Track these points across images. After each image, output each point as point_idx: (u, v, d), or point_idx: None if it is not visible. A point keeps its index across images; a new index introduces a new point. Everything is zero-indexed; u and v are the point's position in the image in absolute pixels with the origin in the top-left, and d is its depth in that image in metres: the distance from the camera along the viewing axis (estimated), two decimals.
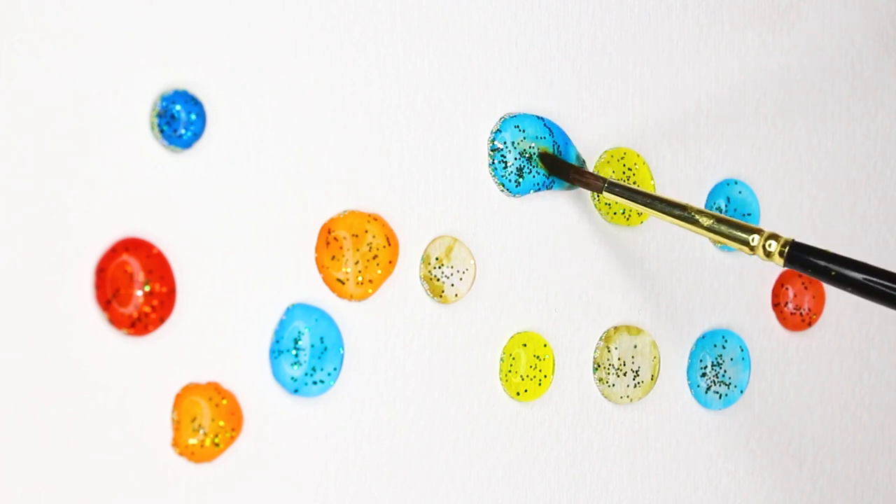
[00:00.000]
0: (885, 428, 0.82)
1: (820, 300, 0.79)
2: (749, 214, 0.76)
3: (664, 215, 0.63)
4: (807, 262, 0.57)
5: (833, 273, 0.56)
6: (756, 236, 0.59)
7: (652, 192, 0.64)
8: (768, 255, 0.58)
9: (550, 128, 0.70)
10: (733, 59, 0.76)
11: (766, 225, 0.77)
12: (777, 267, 0.77)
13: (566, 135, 0.70)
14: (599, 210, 0.72)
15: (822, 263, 0.56)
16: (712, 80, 0.75)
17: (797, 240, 0.58)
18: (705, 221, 0.61)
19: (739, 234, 0.60)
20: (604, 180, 0.66)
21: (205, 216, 0.61)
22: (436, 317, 0.68)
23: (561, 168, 0.69)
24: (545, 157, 0.69)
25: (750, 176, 0.77)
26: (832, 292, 0.80)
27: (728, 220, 0.61)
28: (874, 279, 0.55)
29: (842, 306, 0.80)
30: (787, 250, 0.58)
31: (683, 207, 0.63)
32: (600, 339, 0.72)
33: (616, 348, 0.73)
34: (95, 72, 0.58)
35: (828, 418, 0.80)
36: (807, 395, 0.79)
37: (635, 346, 0.73)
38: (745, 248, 0.59)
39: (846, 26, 0.80)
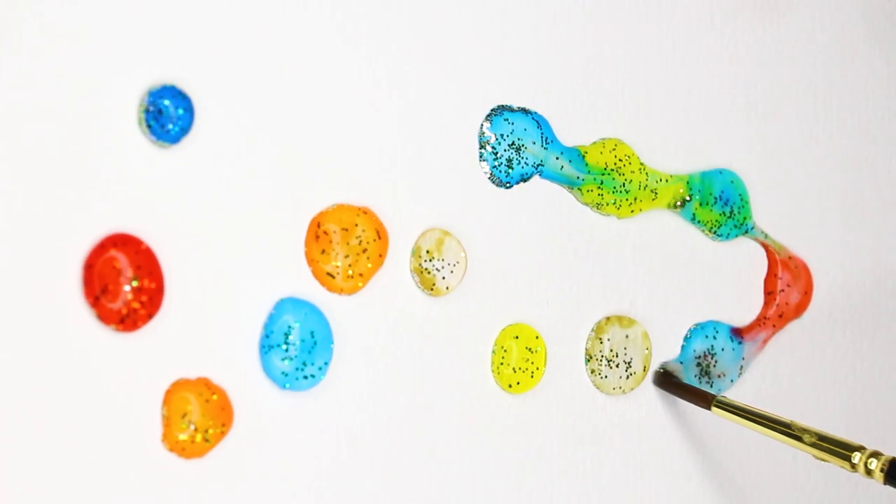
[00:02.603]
0: (878, 418, 0.82)
1: (810, 290, 0.79)
2: (741, 206, 0.76)
3: (771, 432, 0.66)
4: None
5: None
6: (858, 454, 0.61)
7: (759, 411, 0.67)
8: (869, 472, 0.60)
9: (538, 121, 0.70)
10: (724, 50, 0.76)
11: (758, 216, 0.77)
12: (764, 262, 0.77)
13: (552, 128, 0.70)
14: (588, 202, 0.72)
15: None
16: (703, 71, 0.75)
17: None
18: (808, 439, 0.63)
19: (841, 451, 0.62)
20: (712, 396, 0.69)
21: (193, 211, 0.61)
22: (427, 310, 0.68)
23: (673, 385, 0.73)
24: (660, 379, 0.73)
25: (741, 166, 0.76)
26: (822, 284, 0.80)
27: (830, 438, 0.63)
28: None
29: (833, 296, 0.80)
30: (887, 468, 0.60)
31: (787, 425, 0.65)
32: (592, 330, 0.72)
33: (608, 340, 0.73)
34: (83, 67, 0.58)
35: (820, 408, 0.80)
36: (799, 385, 0.79)
37: (627, 338, 0.73)
38: (847, 465, 0.61)
39: (837, 15, 0.79)
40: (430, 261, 0.67)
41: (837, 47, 0.79)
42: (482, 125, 0.68)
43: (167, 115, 0.60)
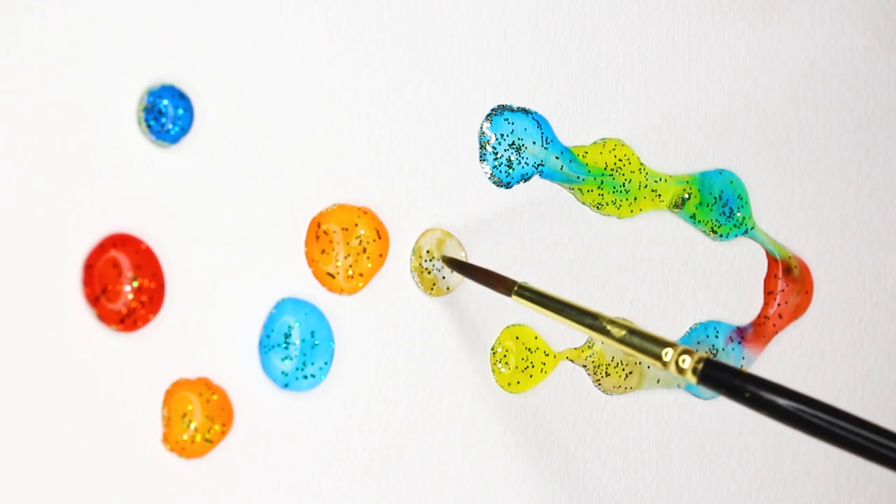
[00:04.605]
0: (878, 416, 0.82)
1: (810, 290, 0.79)
2: (741, 206, 0.76)
3: (575, 323, 0.59)
4: (720, 380, 0.52)
5: (748, 395, 0.51)
6: (669, 350, 0.54)
7: (562, 299, 0.60)
8: (681, 371, 0.54)
9: (538, 121, 0.70)
10: (723, 49, 0.76)
11: (758, 216, 0.77)
12: (764, 262, 0.77)
13: (552, 128, 0.70)
14: (588, 202, 0.72)
15: (737, 383, 0.51)
16: (702, 70, 0.75)
17: (712, 357, 0.54)
18: (617, 332, 0.56)
19: (652, 347, 0.55)
20: (513, 283, 0.63)
21: (193, 211, 0.61)
22: (427, 309, 0.68)
23: (468, 268, 0.67)
24: (450, 261, 0.67)
25: (741, 166, 0.76)
26: (822, 284, 0.80)
27: (641, 332, 0.56)
28: (795, 404, 0.50)
29: (834, 296, 0.80)
30: (700, 367, 0.53)
31: (595, 316, 0.58)
32: None
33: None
34: (82, 67, 0.58)
35: None
36: (799, 384, 0.79)
37: None
38: (658, 363, 0.55)
39: (836, 15, 0.79)
40: (431, 261, 0.67)
41: (837, 47, 0.79)
42: (482, 125, 0.68)
43: (167, 114, 0.60)
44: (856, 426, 0.48)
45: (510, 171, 0.69)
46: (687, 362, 0.53)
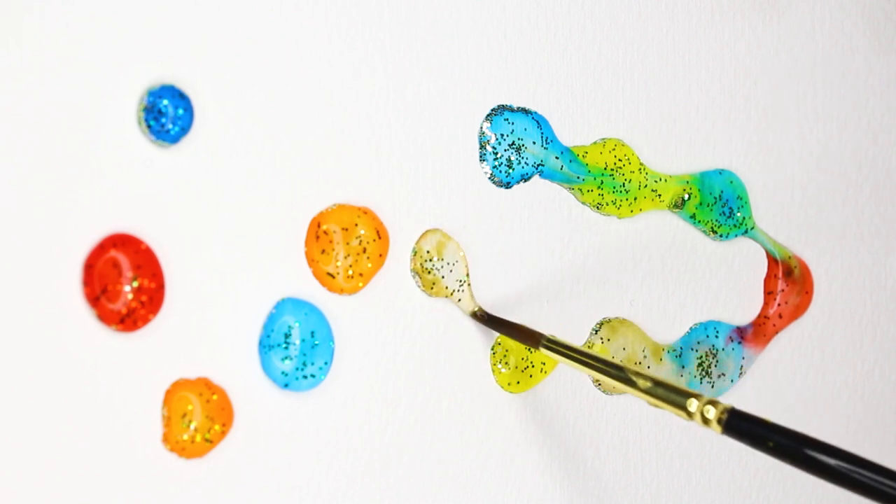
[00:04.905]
0: (879, 416, 0.82)
1: (810, 290, 0.79)
2: (741, 206, 0.76)
3: (602, 375, 0.60)
4: (745, 430, 0.53)
5: (771, 444, 0.52)
6: (694, 401, 0.55)
7: (589, 351, 0.62)
8: (706, 421, 0.54)
9: (538, 121, 0.70)
10: (724, 49, 0.76)
11: (758, 216, 0.77)
12: (764, 262, 0.77)
13: (552, 128, 0.70)
14: (588, 202, 0.72)
15: (761, 433, 0.52)
16: (702, 70, 0.75)
17: (736, 407, 0.54)
18: (643, 384, 0.57)
19: (677, 398, 0.56)
20: (540, 336, 0.64)
21: (193, 211, 0.61)
22: (427, 309, 0.68)
23: (497, 322, 0.68)
24: (479, 316, 0.68)
25: (740, 166, 0.76)
26: (822, 284, 0.80)
27: (666, 384, 0.57)
28: (817, 454, 0.50)
29: (834, 296, 0.80)
30: (725, 417, 0.54)
31: (620, 368, 0.59)
32: (592, 329, 0.72)
33: (608, 339, 0.73)
34: (82, 67, 0.58)
35: (820, 408, 0.80)
36: (799, 384, 0.79)
37: (627, 337, 0.73)
38: (683, 414, 0.55)
39: (836, 14, 0.79)
40: (431, 261, 0.67)
41: (837, 47, 0.79)
42: (482, 125, 0.68)
43: (167, 114, 0.60)
44: (875, 473, 0.49)
45: (510, 171, 0.69)
46: (712, 413, 0.54)
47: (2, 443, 0.56)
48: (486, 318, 0.68)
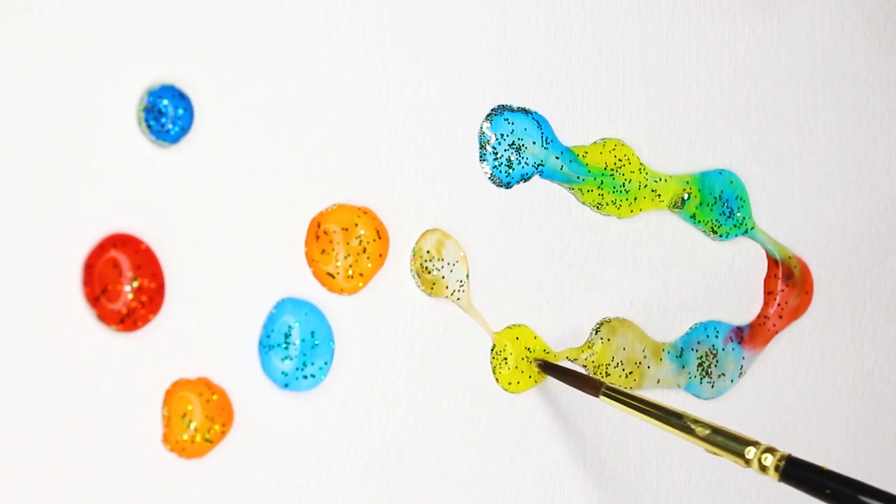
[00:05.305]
0: (878, 416, 0.82)
1: (810, 290, 0.79)
2: (741, 206, 0.76)
3: (661, 423, 0.61)
4: (802, 477, 0.54)
5: (828, 491, 0.53)
6: (752, 449, 0.57)
7: (648, 399, 0.63)
8: (763, 469, 0.56)
9: (538, 121, 0.70)
10: (724, 49, 0.76)
11: (758, 216, 0.77)
12: (764, 262, 0.77)
13: (552, 128, 0.70)
14: (588, 202, 0.72)
15: (818, 480, 0.54)
16: (702, 70, 0.75)
17: (793, 454, 0.56)
18: (701, 432, 0.59)
19: (735, 445, 0.58)
20: (601, 384, 0.65)
21: (193, 211, 0.61)
22: (427, 309, 0.68)
23: (558, 370, 0.69)
24: (543, 366, 0.69)
25: (740, 166, 0.76)
26: (822, 284, 0.80)
27: (724, 431, 0.58)
28: (873, 501, 0.52)
29: (834, 296, 0.80)
30: (783, 465, 0.55)
31: (679, 416, 0.61)
32: (592, 329, 0.72)
33: (608, 339, 0.73)
34: (82, 67, 0.58)
35: (820, 407, 0.80)
36: (799, 384, 0.79)
37: (627, 337, 0.73)
38: (741, 461, 0.57)
39: (836, 14, 0.79)
40: (431, 261, 0.67)
41: (837, 47, 0.79)
42: (482, 125, 0.68)
43: (167, 114, 0.60)
44: None
45: (510, 171, 0.69)
46: (769, 460, 0.55)
47: (2, 443, 0.56)
48: (548, 367, 0.69)
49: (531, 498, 0.71)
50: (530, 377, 0.70)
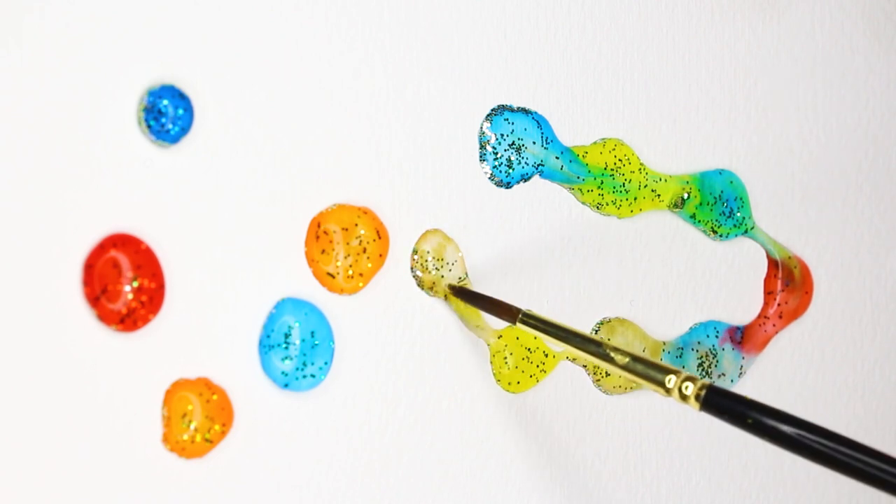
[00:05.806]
0: (879, 416, 0.82)
1: (810, 290, 0.79)
2: (741, 206, 0.76)
3: (580, 350, 0.60)
4: (723, 406, 0.52)
5: (750, 421, 0.51)
6: (672, 377, 0.54)
7: (566, 326, 0.61)
8: (684, 397, 0.54)
9: (538, 121, 0.70)
10: (724, 49, 0.76)
11: (758, 216, 0.77)
12: (764, 262, 0.77)
13: (552, 128, 0.70)
14: (588, 202, 0.72)
15: (740, 409, 0.51)
16: (702, 70, 0.75)
17: (715, 383, 0.54)
18: (620, 360, 0.57)
19: (655, 374, 0.55)
20: (518, 310, 0.63)
21: (193, 211, 0.61)
22: (427, 309, 0.68)
23: (473, 296, 0.67)
24: (455, 290, 0.67)
25: (740, 166, 0.76)
26: (822, 284, 0.80)
27: (644, 359, 0.56)
28: (797, 431, 0.50)
29: (834, 296, 0.80)
30: (703, 394, 0.53)
31: (598, 344, 0.59)
32: (592, 330, 0.72)
33: (608, 339, 0.73)
34: (82, 67, 0.58)
35: (821, 408, 0.80)
36: (799, 384, 0.79)
37: (626, 336, 0.73)
38: (661, 390, 0.55)
39: (836, 14, 0.79)
40: (431, 261, 0.67)
41: (837, 47, 0.79)
42: (482, 125, 0.68)
43: (167, 115, 0.60)
44: (857, 452, 0.49)
45: (510, 171, 0.69)
46: (690, 389, 0.53)
47: (2, 443, 0.56)
48: (459, 293, 0.67)
49: (531, 498, 0.71)
50: (531, 377, 0.70)
